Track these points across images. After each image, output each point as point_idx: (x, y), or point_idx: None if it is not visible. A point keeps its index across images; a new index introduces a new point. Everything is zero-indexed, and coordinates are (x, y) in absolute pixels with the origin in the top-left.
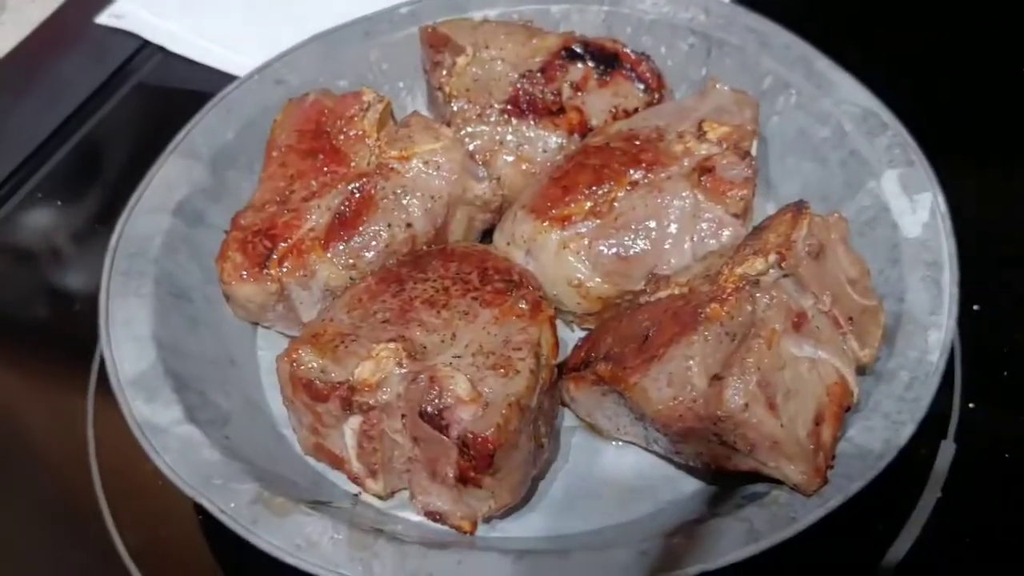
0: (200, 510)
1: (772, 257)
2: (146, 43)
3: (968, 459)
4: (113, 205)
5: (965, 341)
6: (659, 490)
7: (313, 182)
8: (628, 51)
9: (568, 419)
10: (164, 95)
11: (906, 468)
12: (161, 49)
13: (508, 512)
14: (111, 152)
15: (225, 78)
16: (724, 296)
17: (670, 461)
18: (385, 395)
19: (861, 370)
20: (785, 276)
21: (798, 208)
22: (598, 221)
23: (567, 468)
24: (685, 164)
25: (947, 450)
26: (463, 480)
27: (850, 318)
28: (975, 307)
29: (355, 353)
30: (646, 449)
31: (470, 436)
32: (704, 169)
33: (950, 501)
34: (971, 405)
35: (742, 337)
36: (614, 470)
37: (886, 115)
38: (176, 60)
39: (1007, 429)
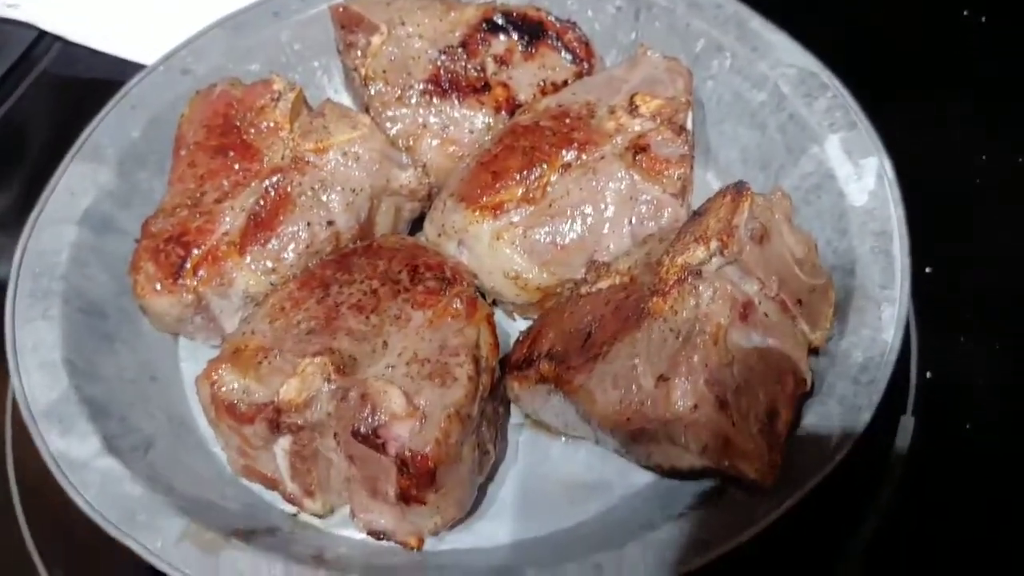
0: None
1: (713, 244)
2: (45, 32)
3: (929, 433)
4: (23, 211)
5: (919, 306)
6: (611, 485)
7: (225, 182)
8: (553, 19)
9: (515, 415)
10: (70, 87)
11: (865, 447)
12: (61, 37)
13: (456, 523)
14: (16, 152)
15: (132, 66)
16: (666, 289)
17: None
18: (315, 414)
19: (813, 351)
20: (728, 263)
21: (738, 190)
22: (531, 208)
23: (516, 468)
24: (618, 142)
25: (907, 425)
26: (405, 498)
27: (799, 300)
28: (927, 269)
29: (279, 370)
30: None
31: (408, 454)
32: (639, 147)
33: (913, 479)
34: (928, 375)
35: (687, 333)
36: (564, 467)
37: (825, 75)
38: (79, 48)
39: (968, 398)
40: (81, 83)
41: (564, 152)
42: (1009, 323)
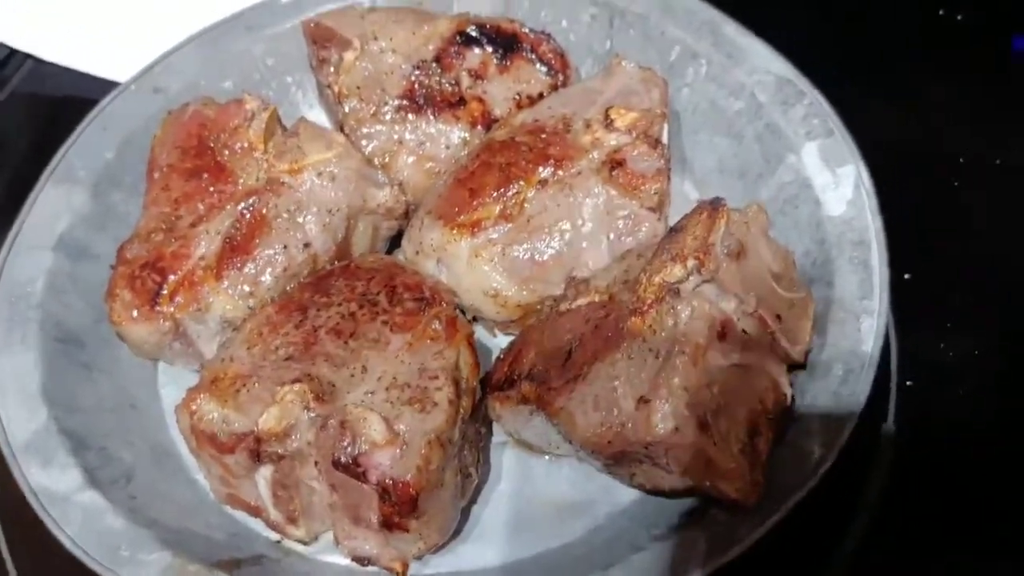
0: None
1: (691, 263)
2: (15, 50)
3: (910, 441)
4: None
5: (898, 314)
6: (596, 503)
7: (200, 205)
8: (527, 31)
9: (498, 434)
10: (41, 106)
11: (847, 458)
12: (32, 56)
13: (440, 547)
14: None
15: (104, 84)
16: (644, 308)
17: None
18: (295, 443)
19: (794, 365)
20: (705, 282)
21: (713, 207)
22: (509, 225)
23: (500, 489)
24: (595, 157)
25: (888, 433)
26: (387, 525)
27: (778, 316)
28: (906, 276)
29: (258, 398)
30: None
31: (389, 482)
32: (615, 162)
33: (895, 486)
34: (909, 383)
35: (666, 354)
36: (549, 486)
37: (802, 83)
38: (50, 66)
39: (948, 406)
40: (53, 101)
41: (541, 168)
42: (989, 329)
